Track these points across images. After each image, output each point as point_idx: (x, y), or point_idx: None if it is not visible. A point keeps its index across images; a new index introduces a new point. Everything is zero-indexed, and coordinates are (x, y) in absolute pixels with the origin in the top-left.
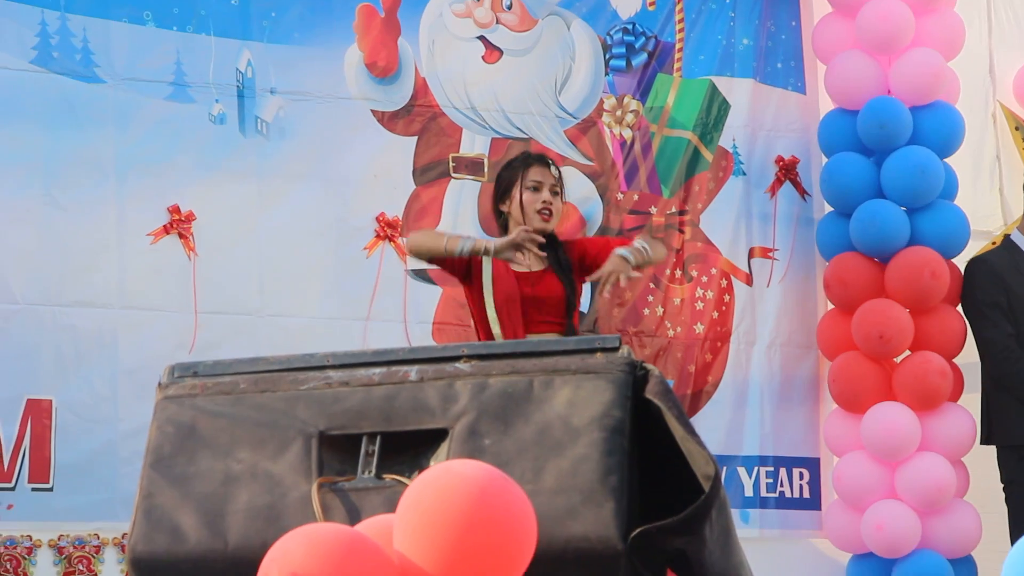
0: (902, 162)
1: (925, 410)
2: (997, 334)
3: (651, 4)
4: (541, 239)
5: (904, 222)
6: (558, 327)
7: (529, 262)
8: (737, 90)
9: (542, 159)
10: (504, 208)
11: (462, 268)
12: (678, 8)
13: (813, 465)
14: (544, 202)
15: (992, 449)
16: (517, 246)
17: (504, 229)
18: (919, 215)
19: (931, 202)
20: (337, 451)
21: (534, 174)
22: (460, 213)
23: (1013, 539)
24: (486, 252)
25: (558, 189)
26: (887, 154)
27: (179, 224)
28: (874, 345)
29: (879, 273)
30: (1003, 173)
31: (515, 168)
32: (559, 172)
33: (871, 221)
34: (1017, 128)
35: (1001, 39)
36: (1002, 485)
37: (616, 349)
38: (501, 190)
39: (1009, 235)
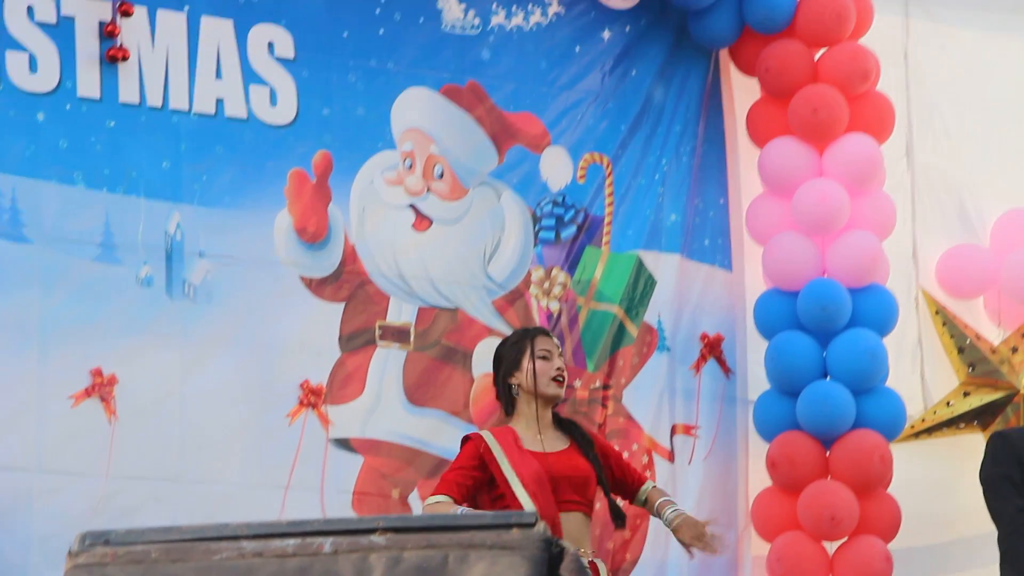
0: (849, 345)
1: None
2: (1007, 507)
3: (581, 177)
4: None
5: (851, 404)
6: (587, 507)
7: (546, 439)
8: (664, 265)
9: (544, 331)
10: (514, 381)
11: (483, 482)
12: (608, 182)
13: None
14: (558, 369)
15: None
16: None
17: (512, 403)
18: (863, 398)
19: (874, 386)
20: None
21: (542, 343)
22: (385, 381)
23: None
24: None
25: (564, 360)
26: (828, 335)
27: (101, 387)
28: (824, 527)
29: (823, 454)
30: (924, 358)
31: (520, 339)
32: (559, 343)
33: (820, 402)
34: (938, 312)
35: (924, 224)
36: None
37: (532, 525)
38: (508, 365)
39: None
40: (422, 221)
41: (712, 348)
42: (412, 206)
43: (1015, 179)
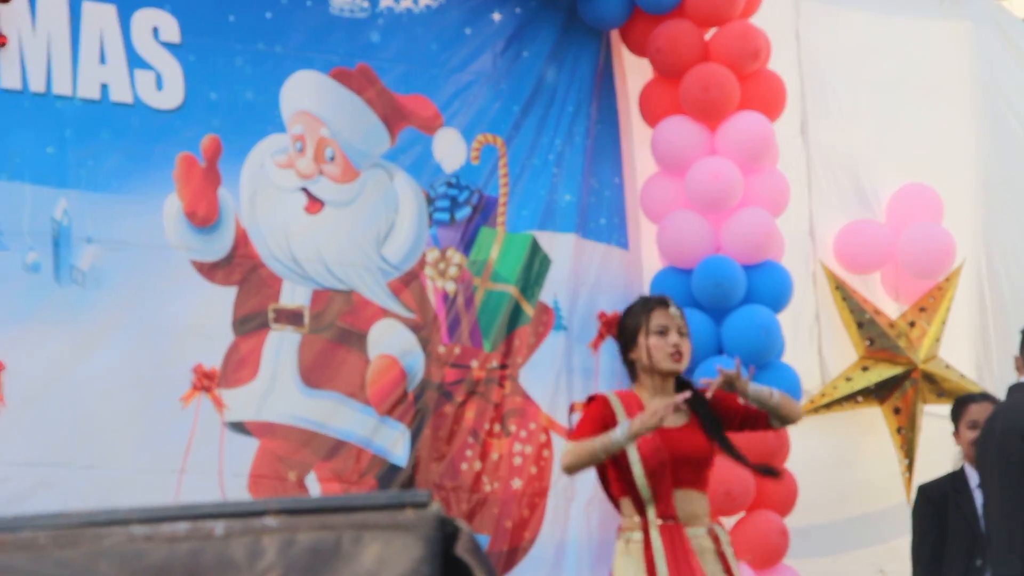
0: (744, 321)
1: (763, 568)
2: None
3: (475, 158)
4: (678, 402)
5: None
6: (703, 485)
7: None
8: (559, 245)
9: (663, 301)
10: (633, 356)
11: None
12: (502, 163)
13: None
14: (674, 345)
15: None
16: (658, 423)
17: (635, 378)
18: (758, 374)
19: (769, 361)
20: None
21: (658, 318)
22: (280, 364)
23: None
24: (636, 435)
25: (684, 330)
26: (722, 312)
27: None
28: (720, 502)
29: None
30: (822, 333)
31: (637, 314)
32: (681, 311)
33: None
34: (838, 288)
35: (820, 198)
36: None
37: (426, 505)
38: (626, 340)
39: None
40: (314, 204)
41: (610, 326)
42: (304, 189)
43: (909, 155)
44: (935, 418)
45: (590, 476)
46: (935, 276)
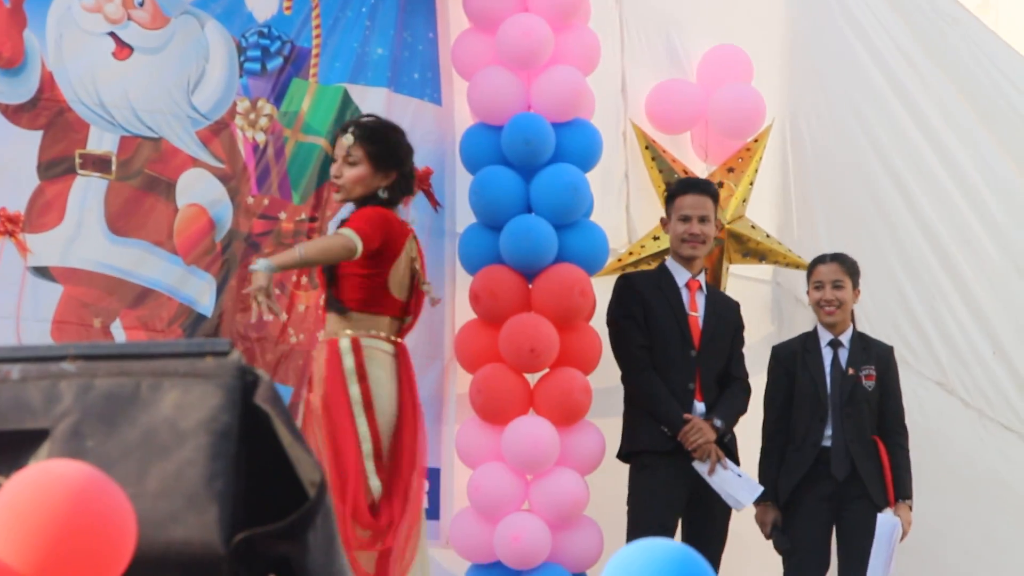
0: (552, 179)
1: (565, 426)
2: (629, 347)
3: (287, 8)
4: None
5: (553, 239)
6: None
7: None
8: (371, 99)
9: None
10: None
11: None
12: (315, 14)
13: (434, 475)
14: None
15: (614, 467)
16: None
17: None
18: (565, 232)
19: (576, 220)
20: None
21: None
22: (86, 209)
23: None
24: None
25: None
26: (532, 170)
27: None
28: (524, 359)
29: (526, 288)
30: (631, 192)
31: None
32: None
33: (523, 236)
34: (648, 147)
35: (632, 58)
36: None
37: (227, 353)
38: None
39: (664, 262)
40: (123, 49)
41: (421, 181)
42: (112, 34)
43: (720, 15)
44: (738, 278)
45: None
46: (744, 136)
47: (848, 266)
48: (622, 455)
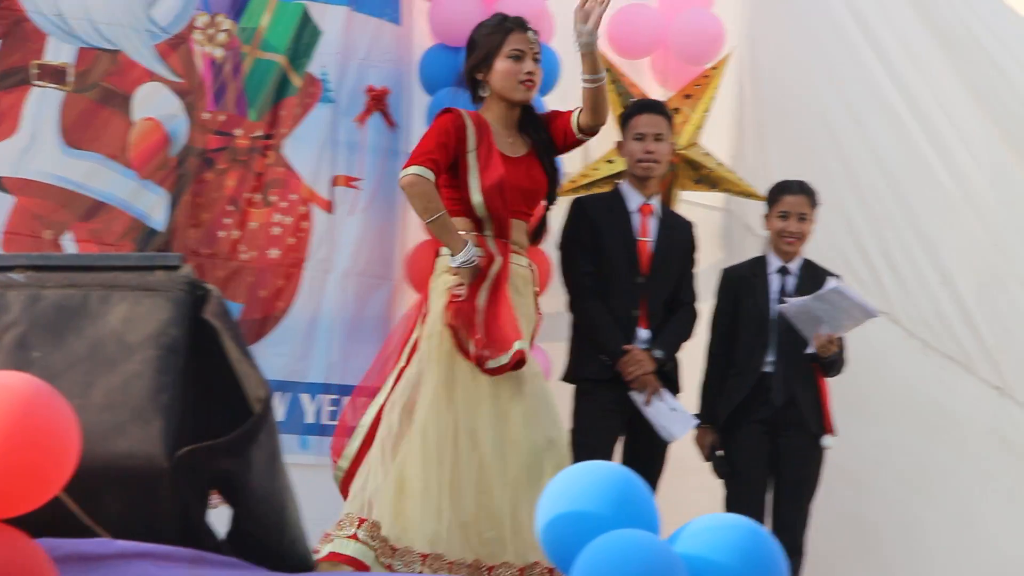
0: None
1: None
2: (575, 272)
3: None
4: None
5: None
6: (529, 216)
7: (512, 142)
8: (330, 17)
9: (522, 24)
10: (480, 77)
11: (451, 162)
12: None
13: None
14: (528, 73)
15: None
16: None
17: (478, 95)
18: None
19: None
20: None
21: (515, 41)
22: (41, 121)
23: None
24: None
25: (539, 56)
26: None
27: None
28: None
29: None
30: None
31: (493, 35)
32: (537, 35)
33: None
34: (607, 71)
35: None
36: None
37: (177, 268)
38: (477, 59)
39: (618, 185)
40: None
41: (378, 101)
42: None
43: None
44: (689, 205)
45: (347, 248)
46: (703, 63)
47: (812, 198)
48: (567, 378)
